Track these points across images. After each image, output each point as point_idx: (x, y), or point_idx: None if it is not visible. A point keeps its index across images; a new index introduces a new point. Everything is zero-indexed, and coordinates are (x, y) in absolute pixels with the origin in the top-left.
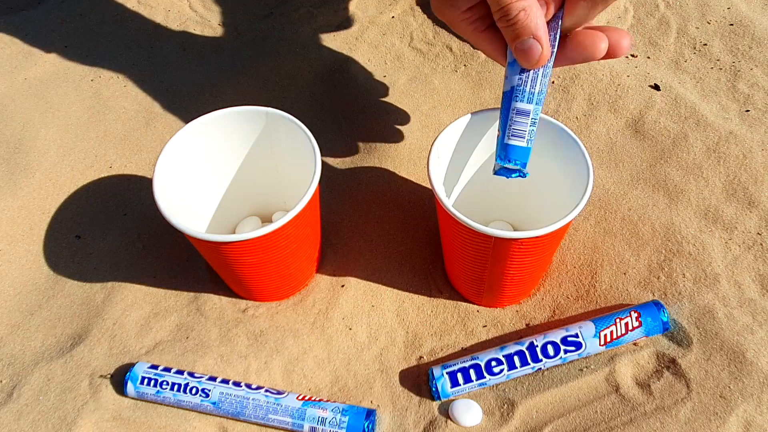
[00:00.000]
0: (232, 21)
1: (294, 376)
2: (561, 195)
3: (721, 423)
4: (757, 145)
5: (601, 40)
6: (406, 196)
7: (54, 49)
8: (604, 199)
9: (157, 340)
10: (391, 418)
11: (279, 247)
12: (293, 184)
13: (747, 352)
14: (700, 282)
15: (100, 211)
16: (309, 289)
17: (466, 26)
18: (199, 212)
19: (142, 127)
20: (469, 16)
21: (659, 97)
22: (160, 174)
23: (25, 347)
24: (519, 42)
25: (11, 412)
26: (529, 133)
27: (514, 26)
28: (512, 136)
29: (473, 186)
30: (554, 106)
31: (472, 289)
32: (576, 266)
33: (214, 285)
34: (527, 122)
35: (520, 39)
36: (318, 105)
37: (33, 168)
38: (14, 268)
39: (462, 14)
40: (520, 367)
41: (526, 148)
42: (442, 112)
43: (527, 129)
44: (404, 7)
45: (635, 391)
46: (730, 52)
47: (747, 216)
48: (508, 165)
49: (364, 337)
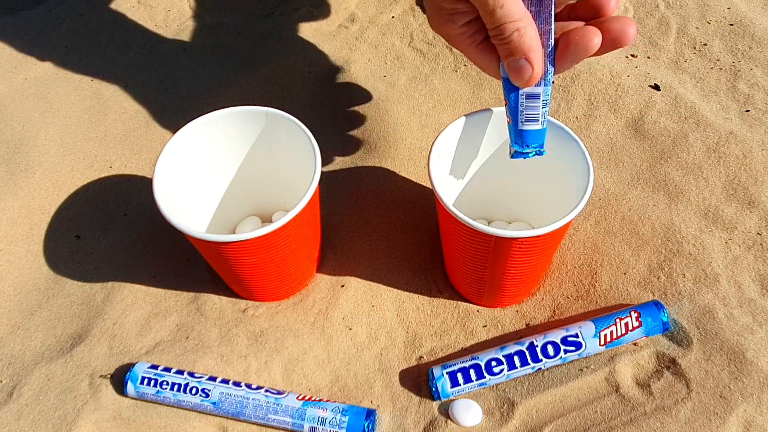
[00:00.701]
0: (232, 21)
1: (294, 376)
2: (561, 195)
3: (721, 423)
4: (757, 145)
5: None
6: (406, 196)
7: (54, 49)
8: (604, 199)
9: (157, 340)
10: (391, 418)
11: (279, 247)
12: (293, 184)
13: (747, 352)
14: (700, 282)
15: (100, 211)
16: (309, 289)
17: (462, 41)
18: (199, 212)
19: (142, 127)
20: (465, 31)
21: (659, 97)
22: (160, 174)
23: (25, 347)
24: (511, 60)
25: (11, 412)
26: (542, 115)
27: (508, 45)
28: (526, 122)
29: (473, 186)
30: (554, 106)
31: (472, 289)
32: (576, 266)
33: (214, 285)
34: (539, 105)
35: (513, 57)
36: (318, 105)
37: (33, 168)
38: (14, 268)
39: (458, 29)
40: (520, 367)
41: (542, 130)
42: (442, 112)
43: (539, 111)
44: (404, 7)
45: (635, 391)
46: (730, 52)
47: (747, 216)
48: (526, 150)
49: (364, 337)
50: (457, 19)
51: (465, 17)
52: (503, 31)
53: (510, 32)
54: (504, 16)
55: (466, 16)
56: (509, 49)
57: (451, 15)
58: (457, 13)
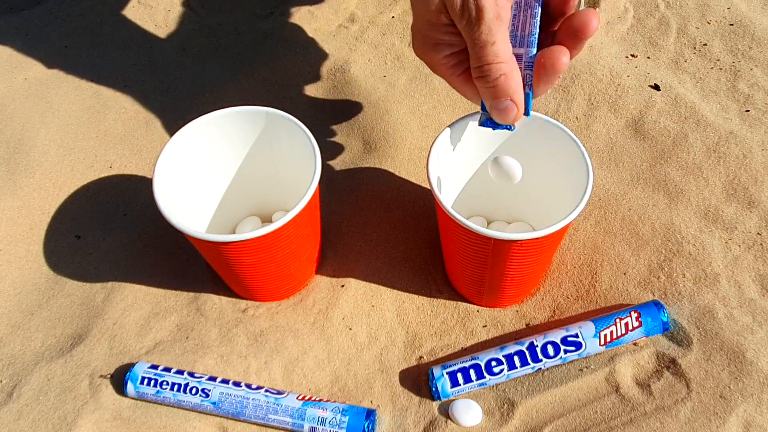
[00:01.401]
0: (232, 21)
1: (294, 376)
2: (561, 195)
3: (721, 423)
4: (757, 145)
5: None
6: (406, 196)
7: (54, 49)
8: (604, 199)
9: (157, 340)
10: (391, 418)
11: (279, 247)
12: (293, 184)
13: (747, 352)
14: (700, 282)
15: (100, 211)
16: (309, 289)
17: (444, 69)
18: (199, 212)
19: (142, 127)
20: (448, 61)
21: (659, 97)
22: (160, 174)
23: (25, 347)
24: (496, 102)
25: (11, 412)
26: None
27: (493, 89)
28: None
29: (473, 186)
30: (554, 106)
31: (472, 289)
32: (576, 266)
33: (214, 285)
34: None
35: (498, 100)
36: (318, 105)
37: (33, 168)
38: (14, 268)
39: (443, 59)
40: (520, 367)
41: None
42: (442, 112)
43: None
44: (404, 7)
45: (635, 391)
46: (730, 52)
47: (747, 216)
48: None
49: (364, 337)
50: (442, 49)
51: (450, 49)
52: (489, 73)
53: (496, 75)
54: (493, 54)
55: (452, 47)
56: (494, 92)
57: (436, 45)
58: (443, 44)
